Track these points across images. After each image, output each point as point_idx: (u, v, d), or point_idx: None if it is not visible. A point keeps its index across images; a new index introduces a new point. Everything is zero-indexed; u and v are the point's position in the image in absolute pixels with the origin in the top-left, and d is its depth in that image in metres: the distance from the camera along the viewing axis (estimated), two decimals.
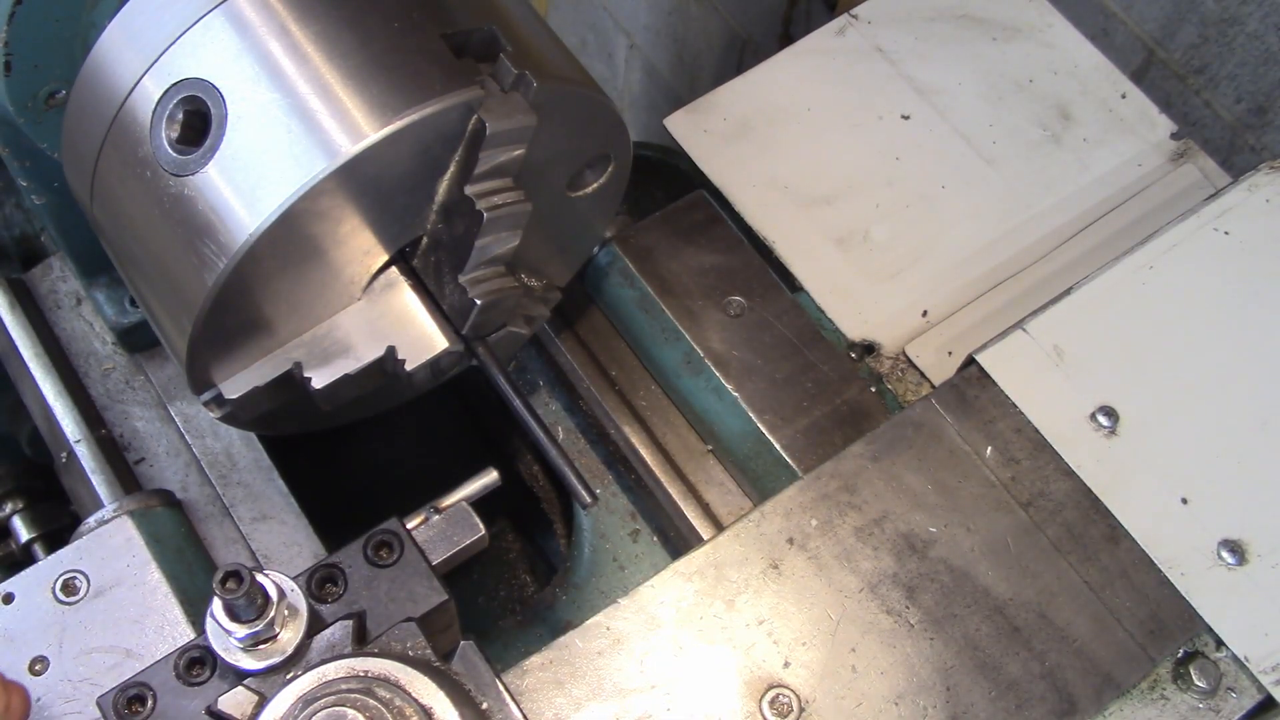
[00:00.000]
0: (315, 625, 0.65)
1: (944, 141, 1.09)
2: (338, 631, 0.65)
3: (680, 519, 0.97)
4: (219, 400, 0.76)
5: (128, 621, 0.81)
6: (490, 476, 0.78)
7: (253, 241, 0.67)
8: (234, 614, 0.62)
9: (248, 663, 0.63)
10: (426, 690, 0.61)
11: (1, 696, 0.69)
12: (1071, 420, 0.90)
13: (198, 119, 0.69)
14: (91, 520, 0.86)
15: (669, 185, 1.15)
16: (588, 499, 0.80)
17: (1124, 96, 1.12)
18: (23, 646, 0.79)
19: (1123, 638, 0.83)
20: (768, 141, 1.09)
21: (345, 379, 0.76)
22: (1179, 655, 0.84)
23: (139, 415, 1.00)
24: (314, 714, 0.58)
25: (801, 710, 0.78)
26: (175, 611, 0.82)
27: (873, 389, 0.97)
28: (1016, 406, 0.90)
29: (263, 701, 0.61)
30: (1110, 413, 0.90)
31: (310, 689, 0.60)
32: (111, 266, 0.80)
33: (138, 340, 1.00)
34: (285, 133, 0.67)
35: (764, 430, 0.94)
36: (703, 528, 0.96)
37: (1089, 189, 1.08)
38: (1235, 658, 0.83)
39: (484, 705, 0.64)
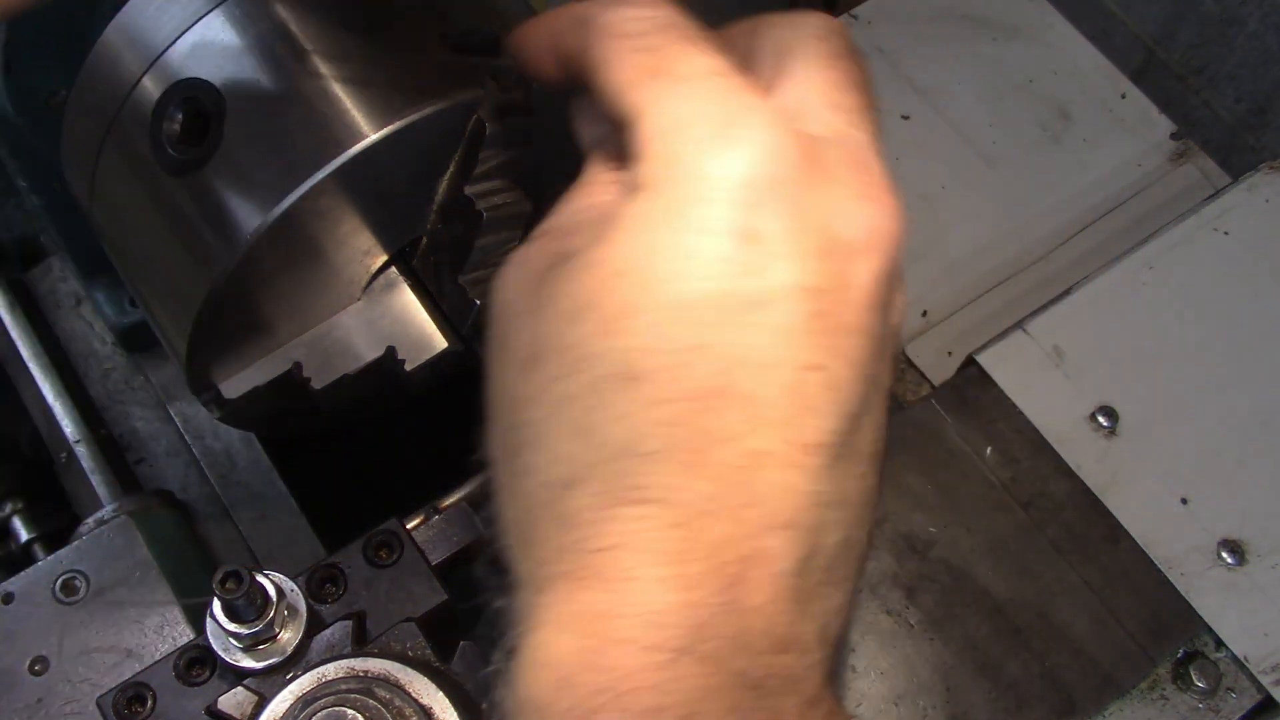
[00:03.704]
0: (315, 625, 0.65)
1: (944, 141, 1.09)
2: (337, 632, 0.65)
3: None
4: (218, 400, 0.76)
5: (128, 621, 0.81)
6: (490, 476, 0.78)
7: (252, 241, 0.67)
8: (234, 614, 0.62)
9: (248, 663, 0.63)
10: (426, 690, 0.61)
11: None
12: (1071, 420, 0.90)
13: (198, 119, 0.69)
14: (91, 520, 0.86)
15: None
16: None
17: (1124, 96, 1.12)
18: (23, 646, 0.79)
19: (1123, 638, 0.83)
20: None
21: (345, 379, 0.76)
22: (1179, 655, 0.84)
23: (139, 415, 1.00)
24: (313, 714, 0.58)
25: None
26: (175, 611, 0.82)
27: None
28: (1016, 406, 0.90)
29: (262, 702, 0.61)
30: (1110, 413, 0.90)
31: (310, 689, 0.60)
32: (111, 266, 0.80)
33: (138, 340, 1.00)
34: (285, 132, 0.67)
35: None
36: None
37: (1089, 189, 1.08)
38: (1235, 658, 0.83)
39: (484, 705, 0.64)
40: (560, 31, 0.55)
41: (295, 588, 0.65)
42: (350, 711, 0.58)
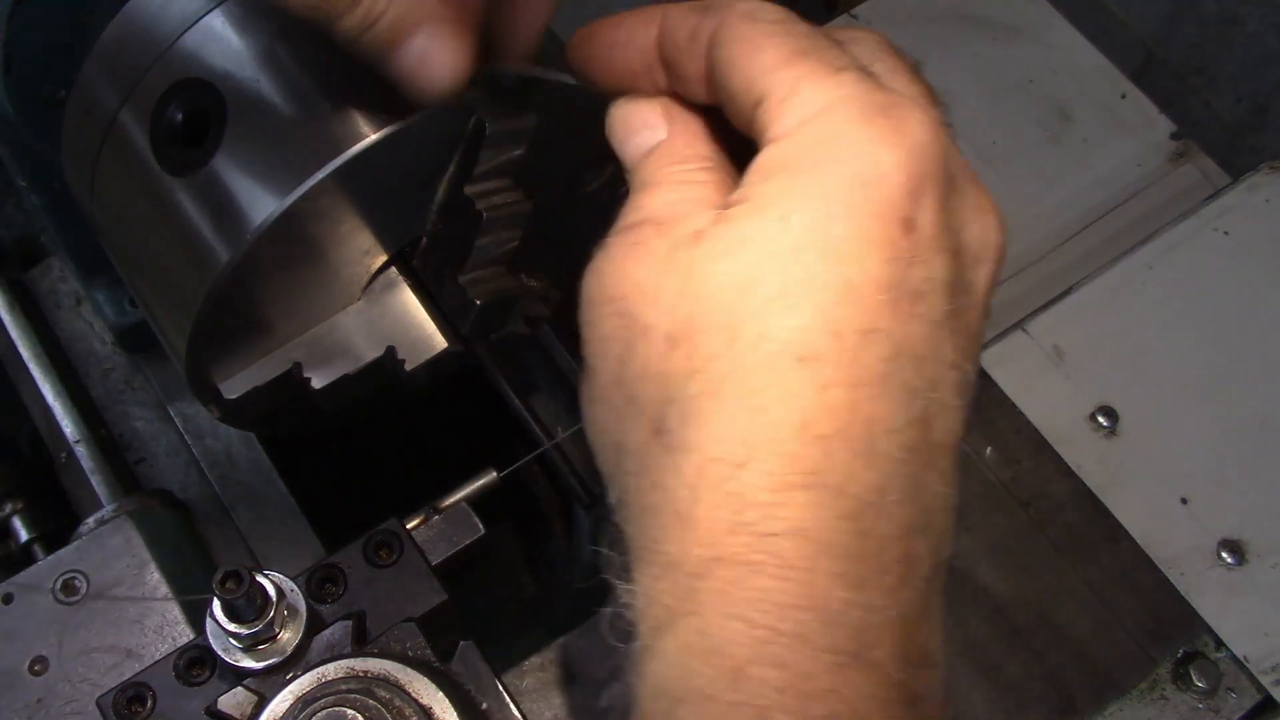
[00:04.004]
0: (315, 625, 0.65)
1: None
2: (337, 632, 0.65)
3: None
4: (218, 400, 0.76)
5: (128, 621, 0.81)
6: (490, 477, 0.78)
7: (253, 241, 0.67)
8: (234, 614, 0.62)
9: (248, 663, 0.63)
10: (426, 690, 0.61)
11: None
12: (1071, 420, 0.90)
13: (198, 119, 0.69)
14: (91, 520, 0.86)
15: None
16: (587, 499, 0.80)
17: (1124, 96, 1.12)
18: (22, 646, 0.79)
19: (1123, 638, 0.83)
20: None
21: (345, 379, 0.76)
22: (1179, 655, 0.84)
23: (139, 415, 1.00)
24: (313, 714, 0.58)
25: None
26: (175, 611, 0.82)
27: None
28: (1016, 406, 0.90)
29: (262, 702, 0.61)
30: (1110, 413, 0.90)
31: (310, 689, 0.60)
32: (111, 266, 0.80)
33: (138, 340, 1.00)
34: (285, 132, 0.67)
35: None
36: None
37: (1089, 189, 1.08)
38: (1235, 658, 0.83)
39: (484, 706, 0.64)
40: (670, 17, 0.53)
41: (295, 588, 0.65)
42: (350, 711, 0.58)
